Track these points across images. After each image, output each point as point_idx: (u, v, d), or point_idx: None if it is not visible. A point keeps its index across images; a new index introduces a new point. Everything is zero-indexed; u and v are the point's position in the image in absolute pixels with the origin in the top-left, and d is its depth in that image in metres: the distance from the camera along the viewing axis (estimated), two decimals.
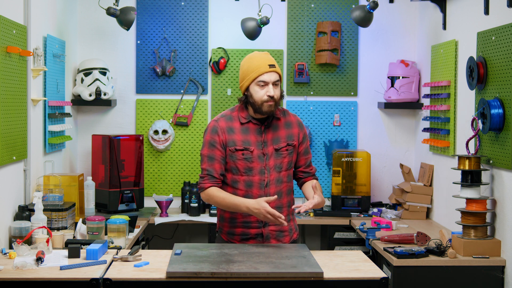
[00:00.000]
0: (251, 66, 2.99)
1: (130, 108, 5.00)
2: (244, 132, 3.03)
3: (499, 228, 3.50)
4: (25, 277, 2.58)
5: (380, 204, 4.90)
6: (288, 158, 3.07)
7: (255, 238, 3.04)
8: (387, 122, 5.07)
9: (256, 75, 2.97)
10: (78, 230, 3.44)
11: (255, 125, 3.04)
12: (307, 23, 5.01)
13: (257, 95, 2.97)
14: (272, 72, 2.97)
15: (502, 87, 3.41)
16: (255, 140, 3.02)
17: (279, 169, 3.03)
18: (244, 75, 3.02)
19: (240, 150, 3.00)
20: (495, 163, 3.50)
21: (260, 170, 3.01)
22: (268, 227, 3.04)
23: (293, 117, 3.14)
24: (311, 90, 5.03)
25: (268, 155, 3.02)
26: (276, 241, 3.06)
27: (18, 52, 3.40)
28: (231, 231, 3.07)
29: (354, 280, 2.62)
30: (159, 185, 5.01)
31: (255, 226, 3.03)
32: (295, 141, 3.09)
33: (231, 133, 3.02)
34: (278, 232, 3.06)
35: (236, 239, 3.07)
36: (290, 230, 3.11)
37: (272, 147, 3.03)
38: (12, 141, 3.37)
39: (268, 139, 3.04)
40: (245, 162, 3.00)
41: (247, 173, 3.00)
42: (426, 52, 4.77)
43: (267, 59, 3.00)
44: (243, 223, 3.04)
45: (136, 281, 2.55)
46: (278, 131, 3.06)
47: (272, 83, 2.97)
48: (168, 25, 4.97)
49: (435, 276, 3.43)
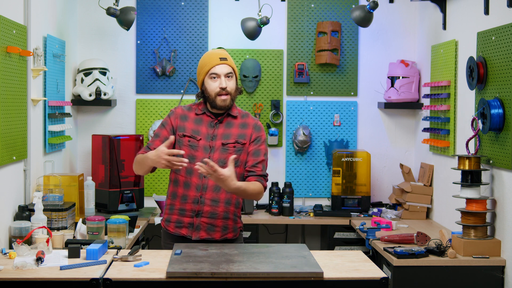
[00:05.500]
0: (204, 61, 3.12)
1: (130, 108, 5.00)
2: (196, 122, 3.12)
3: (499, 228, 3.50)
4: (25, 277, 2.58)
5: (380, 204, 4.90)
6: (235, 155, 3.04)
7: (187, 228, 3.08)
8: (387, 122, 5.07)
9: (208, 68, 3.08)
10: (78, 230, 3.44)
11: (208, 118, 3.13)
12: (307, 23, 5.01)
13: (210, 88, 3.07)
14: (223, 64, 3.07)
15: (502, 87, 3.41)
16: (206, 132, 3.10)
17: (222, 163, 3.03)
18: (199, 70, 3.14)
19: (187, 136, 3.09)
20: (495, 163, 3.50)
21: (202, 160, 3.00)
22: (200, 218, 3.06)
23: (251, 120, 3.16)
24: (311, 90, 5.03)
25: (215, 148, 3.07)
26: (206, 234, 3.06)
27: (18, 52, 3.40)
28: (168, 218, 3.14)
29: (354, 280, 2.62)
30: (159, 185, 5.01)
31: (188, 215, 3.07)
32: (246, 141, 3.11)
33: (184, 120, 3.13)
34: (209, 226, 3.07)
35: (171, 227, 3.12)
36: (224, 227, 3.09)
37: (220, 141, 3.08)
38: (12, 141, 3.37)
39: (218, 133, 3.10)
40: (189, 149, 3.07)
41: (189, 160, 3.00)
42: (426, 52, 4.77)
43: (219, 54, 3.11)
44: (179, 210, 3.09)
45: (136, 281, 2.55)
46: (230, 128, 3.11)
47: (224, 75, 3.07)
48: (168, 25, 4.97)
49: (435, 276, 3.43)
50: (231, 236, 3.14)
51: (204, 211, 3.05)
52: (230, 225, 3.12)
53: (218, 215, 3.07)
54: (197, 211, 3.06)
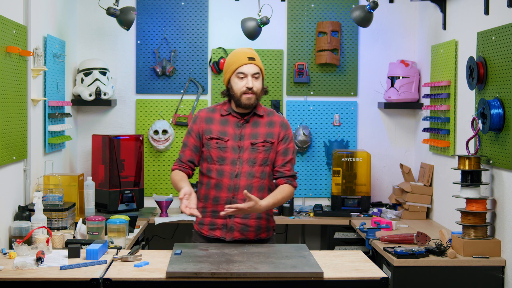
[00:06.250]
0: (232, 59, 3.09)
1: (130, 108, 5.00)
2: (222, 123, 3.11)
3: (499, 228, 3.50)
4: (25, 277, 2.58)
5: (380, 204, 4.90)
6: (264, 155, 3.08)
7: (221, 229, 3.08)
8: (387, 122, 5.07)
9: (235, 67, 3.06)
10: (78, 230, 3.44)
11: (234, 118, 3.11)
12: (307, 23, 5.01)
13: (236, 87, 3.05)
14: (251, 64, 3.05)
15: (502, 87, 3.41)
16: (233, 132, 3.08)
17: (252, 163, 3.05)
18: (226, 68, 3.12)
19: (214, 139, 3.08)
20: (495, 163, 3.50)
21: (232, 161, 3.05)
22: (233, 218, 3.06)
23: (277, 117, 3.16)
24: (311, 90, 5.03)
25: (243, 148, 3.07)
26: (240, 234, 3.06)
27: (18, 52, 3.40)
28: (202, 220, 3.13)
29: (354, 280, 2.62)
30: (159, 185, 5.01)
31: (221, 217, 3.05)
32: (274, 139, 3.10)
33: (209, 123, 3.11)
34: (243, 226, 3.07)
35: (205, 229, 3.11)
36: (257, 227, 3.10)
37: (249, 141, 3.07)
38: (12, 141, 3.37)
39: (246, 133, 3.08)
40: (218, 151, 3.06)
41: (219, 162, 3.05)
42: (426, 52, 4.77)
43: (247, 53, 3.09)
44: (212, 212, 3.08)
45: (136, 281, 2.56)
46: (258, 128, 3.10)
47: (252, 75, 3.05)
48: (168, 25, 4.97)
49: (435, 276, 3.43)
50: (264, 236, 3.14)
51: None
52: (264, 225, 3.12)
53: (251, 215, 3.06)
54: None
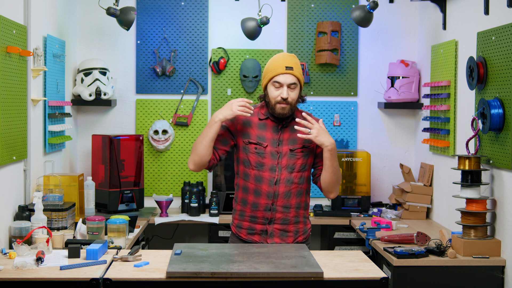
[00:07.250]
0: (270, 66, 3.04)
1: (130, 108, 5.00)
2: (260, 127, 3.07)
3: (499, 228, 3.50)
4: (25, 277, 2.58)
5: (380, 204, 4.90)
6: (303, 160, 3.07)
7: (260, 234, 3.08)
8: (387, 122, 5.07)
9: (272, 75, 3.01)
10: (78, 230, 3.44)
11: (272, 123, 3.08)
12: (307, 23, 5.01)
13: (271, 95, 3.02)
14: (288, 74, 2.99)
15: (502, 87, 3.41)
16: (271, 137, 3.05)
17: (291, 169, 3.04)
18: (264, 73, 3.08)
19: (253, 144, 3.04)
20: (495, 163, 3.50)
21: (271, 167, 3.03)
22: (273, 225, 3.06)
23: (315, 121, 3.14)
24: (311, 90, 5.03)
25: (282, 153, 3.04)
26: (279, 239, 3.08)
27: (18, 52, 3.40)
28: (240, 224, 3.12)
29: (354, 280, 2.62)
30: (159, 185, 5.01)
31: (260, 222, 3.06)
32: (312, 144, 3.08)
33: (247, 126, 3.08)
34: (282, 232, 3.08)
35: (243, 233, 3.11)
36: (295, 232, 3.11)
37: (287, 147, 3.05)
38: (12, 141, 3.37)
39: (284, 138, 3.06)
40: (257, 157, 3.04)
41: (258, 167, 3.03)
42: (426, 52, 4.77)
43: (286, 61, 3.02)
44: (251, 218, 3.08)
45: (136, 281, 2.56)
46: (296, 132, 3.04)
47: (288, 85, 2.99)
48: (168, 25, 4.97)
49: (435, 276, 3.43)
50: (301, 239, 3.14)
51: (277, 218, 3.05)
52: (301, 228, 3.13)
53: (290, 220, 3.07)
54: (270, 219, 3.06)
